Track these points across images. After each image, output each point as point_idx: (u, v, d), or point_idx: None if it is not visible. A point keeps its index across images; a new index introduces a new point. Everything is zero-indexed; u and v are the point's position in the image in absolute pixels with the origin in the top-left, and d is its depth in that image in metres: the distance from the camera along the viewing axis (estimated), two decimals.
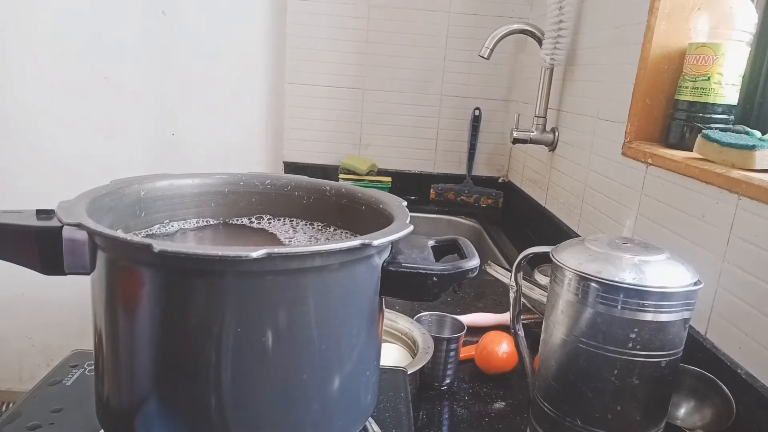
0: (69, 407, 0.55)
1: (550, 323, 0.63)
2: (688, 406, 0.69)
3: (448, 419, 0.75)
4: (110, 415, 0.45)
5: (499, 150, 1.90)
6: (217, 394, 0.40)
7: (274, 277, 0.39)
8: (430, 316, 0.87)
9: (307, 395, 0.43)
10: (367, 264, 0.44)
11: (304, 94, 1.80)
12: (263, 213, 0.61)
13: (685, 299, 0.56)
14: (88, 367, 0.62)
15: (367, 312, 0.45)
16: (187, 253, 0.36)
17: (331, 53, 1.77)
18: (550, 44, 1.38)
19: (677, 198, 0.86)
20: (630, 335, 0.56)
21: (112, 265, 0.41)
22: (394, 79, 1.80)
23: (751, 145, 0.74)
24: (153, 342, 0.41)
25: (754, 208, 0.69)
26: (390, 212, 0.52)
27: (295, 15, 1.74)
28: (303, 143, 1.85)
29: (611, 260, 0.58)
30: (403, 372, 0.67)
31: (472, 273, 0.46)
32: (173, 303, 0.40)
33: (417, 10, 1.75)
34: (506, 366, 0.83)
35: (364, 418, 0.49)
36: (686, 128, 0.93)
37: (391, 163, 1.87)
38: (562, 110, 1.42)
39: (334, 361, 0.44)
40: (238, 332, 0.39)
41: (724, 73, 0.88)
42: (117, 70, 1.78)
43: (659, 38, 0.97)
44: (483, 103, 1.83)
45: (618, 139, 1.06)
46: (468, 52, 1.77)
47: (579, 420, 0.60)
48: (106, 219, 0.46)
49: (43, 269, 0.41)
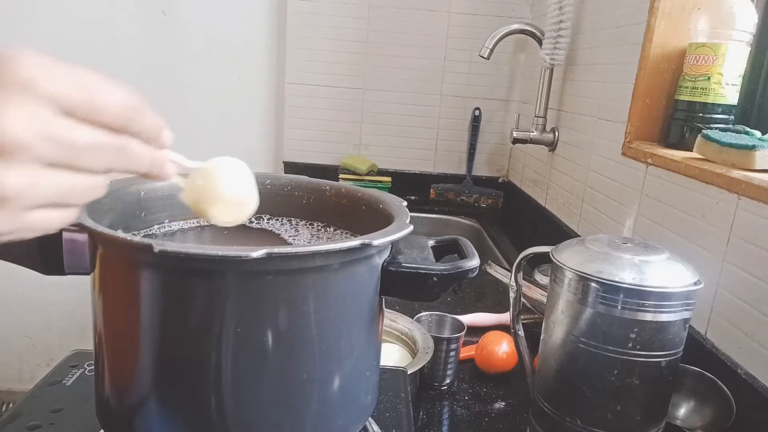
0: (69, 407, 0.55)
1: (550, 323, 0.63)
2: (688, 406, 0.69)
3: (448, 419, 0.75)
4: (110, 415, 0.45)
5: (499, 150, 1.89)
6: (217, 394, 0.40)
7: (274, 277, 0.39)
8: (430, 316, 0.87)
9: (307, 395, 0.43)
10: (367, 264, 0.44)
11: (304, 94, 1.80)
12: (263, 213, 0.61)
13: (685, 299, 0.56)
14: (88, 367, 0.62)
15: (367, 312, 0.45)
16: (187, 253, 0.36)
17: (331, 53, 1.77)
18: (550, 44, 1.38)
19: (677, 198, 0.86)
20: (630, 335, 0.56)
21: (112, 266, 0.41)
22: (394, 79, 1.80)
23: (751, 145, 0.74)
24: (153, 342, 0.41)
25: (754, 208, 0.69)
26: (390, 212, 0.52)
27: (295, 15, 1.74)
28: (303, 143, 1.85)
29: (611, 260, 0.58)
30: (403, 372, 0.67)
31: (472, 273, 0.46)
32: (173, 303, 0.40)
33: (417, 10, 1.75)
34: (506, 366, 0.83)
35: (364, 418, 0.49)
36: (686, 128, 0.93)
37: (391, 163, 1.87)
38: (562, 110, 1.42)
39: (334, 361, 0.44)
40: (238, 332, 0.39)
41: (724, 73, 0.88)
42: (117, 70, 1.77)
43: (659, 38, 0.97)
44: (483, 103, 1.83)
45: (618, 139, 1.06)
46: (468, 52, 1.77)
47: (579, 420, 0.60)
48: (106, 219, 0.46)
49: (43, 269, 0.41)
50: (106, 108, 0.30)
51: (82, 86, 0.29)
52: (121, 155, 0.32)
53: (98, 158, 0.30)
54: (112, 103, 0.31)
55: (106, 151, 0.31)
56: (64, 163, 0.29)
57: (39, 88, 0.28)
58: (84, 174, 0.30)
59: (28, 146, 0.27)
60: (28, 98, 0.27)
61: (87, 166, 0.30)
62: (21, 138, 0.27)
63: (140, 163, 0.34)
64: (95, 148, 0.30)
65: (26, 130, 0.27)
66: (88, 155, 0.30)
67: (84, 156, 0.30)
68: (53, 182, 0.29)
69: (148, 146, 0.34)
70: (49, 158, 0.28)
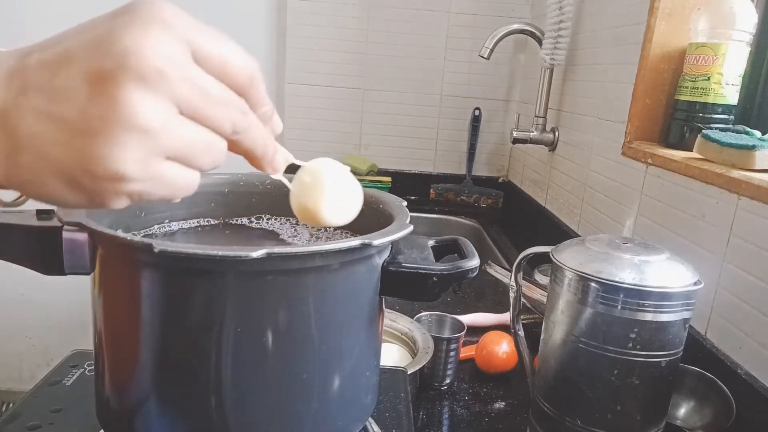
0: (69, 407, 0.55)
1: (550, 323, 0.63)
2: (688, 406, 0.69)
3: (448, 419, 0.75)
4: (110, 415, 0.45)
5: (499, 150, 1.90)
6: (217, 394, 0.40)
7: (274, 277, 0.39)
8: (430, 316, 0.87)
9: (307, 395, 0.43)
10: (367, 264, 0.44)
11: (304, 94, 1.80)
12: (263, 213, 0.61)
13: (685, 299, 0.56)
14: (88, 367, 0.62)
15: (367, 312, 0.45)
16: (187, 253, 0.36)
17: (331, 53, 1.77)
18: (550, 44, 1.38)
19: (677, 198, 0.86)
20: (630, 335, 0.56)
21: (112, 265, 0.41)
22: (394, 79, 1.80)
23: (751, 145, 0.74)
24: (153, 342, 0.41)
25: (754, 208, 0.69)
26: (390, 212, 0.52)
27: (295, 15, 1.74)
28: (303, 143, 1.85)
29: (611, 260, 0.58)
30: (403, 372, 0.67)
31: (472, 273, 0.46)
32: (173, 303, 0.40)
33: (417, 10, 1.75)
34: (506, 366, 0.83)
35: (364, 418, 0.49)
36: (686, 128, 0.93)
37: (391, 163, 1.87)
38: (562, 110, 1.42)
39: (334, 361, 0.44)
40: (238, 332, 0.39)
41: (724, 73, 0.88)
42: None
43: (659, 38, 0.97)
44: (483, 103, 1.83)
45: (618, 139, 1.06)
46: (468, 52, 1.77)
47: (579, 420, 0.60)
48: (106, 219, 0.46)
49: (43, 269, 0.41)
50: (235, 67, 0.29)
51: (216, 38, 0.29)
52: (245, 121, 0.31)
53: (227, 115, 0.29)
54: (241, 64, 0.30)
55: (234, 108, 0.30)
56: (197, 111, 0.28)
57: (178, 29, 0.27)
58: (211, 131, 0.29)
59: (168, 78, 0.26)
60: (168, 36, 0.26)
61: (217, 120, 0.29)
62: (162, 67, 0.26)
63: (257, 142, 0.32)
64: (224, 102, 0.29)
65: (168, 62, 0.26)
66: (218, 108, 0.29)
67: (215, 108, 0.28)
68: (187, 132, 0.28)
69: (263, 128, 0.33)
70: (186, 101, 0.27)
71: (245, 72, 0.30)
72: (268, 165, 0.35)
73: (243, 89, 0.30)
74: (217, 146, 0.30)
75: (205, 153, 0.29)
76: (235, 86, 0.30)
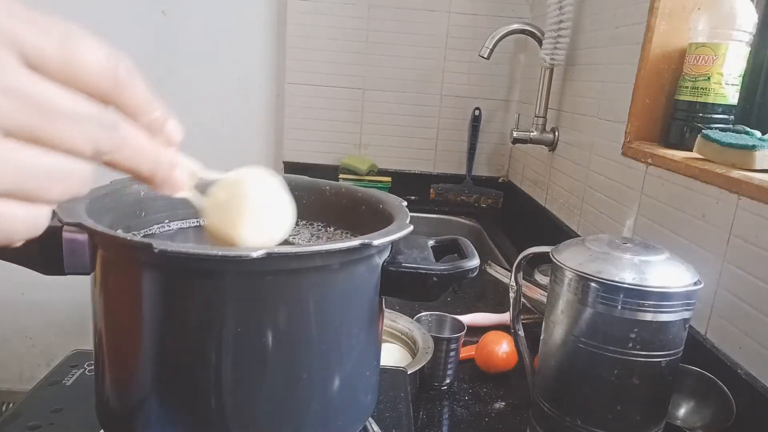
0: (69, 407, 0.55)
1: (550, 323, 0.63)
2: (688, 406, 0.69)
3: (448, 419, 0.75)
4: (110, 414, 0.45)
5: (499, 150, 1.90)
6: (217, 394, 0.40)
7: (274, 277, 0.39)
8: (430, 316, 0.87)
9: (307, 395, 0.43)
10: (367, 264, 0.44)
11: (304, 94, 1.80)
12: None
13: (685, 299, 0.56)
14: (88, 367, 0.62)
15: (367, 312, 0.45)
16: (187, 253, 0.36)
17: (331, 53, 1.77)
18: (550, 44, 1.38)
19: (677, 198, 0.86)
20: (630, 335, 0.56)
21: (112, 265, 0.41)
22: (394, 79, 1.80)
23: (751, 145, 0.74)
24: (153, 342, 0.41)
25: (754, 208, 0.69)
26: (390, 212, 0.52)
27: (295, 15, 1.74)
28: (303, 143, 1.85)
29: (611, 260, 0.58)
30: (403, 372, 0.67)
31: (472, 273, 0.46)
32: (173, 303, 0.40)
33: (417, 10, 1.75)
34: (506, 366, 0.83)
35: (364, 418, 0.49)
36: (686, 128, 0.93)
37: (391, 163, 1.87)
38: (562, 110, 1.42)
39: (334, 361, 0.44)
40: (238, 332, 0.39)
41: (724, 73, 0.88)
42: None
43: (659, 38, 0.97)
44: (483, 103, 1.83)
45: (618, 139, 1.06)
46: (468, 52, 1.77)
47: (579, 420, 0.60)
48: (106, 219, 0.46)
49: (43, 269, 0.41)
50: (89, 67, 0.23)
51: (58, 33, 0.22)
52: (114, 137, 0.24)
53: (79, 132, 0.23)
54: (97, 62, 0.23)
55: (91, 123, 0.23)
56: (33, 131, 0.22)
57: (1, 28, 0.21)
58: (61, 154, 0.23)
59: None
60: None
61: (65, 140, 0.22)
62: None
63: (140, 161, 0.26)
64: (74, 116, 0.22)
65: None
66: (65, 125, 0.22)
67: (61, 125, 0.22)
68: (19, 159, 0.21)
69: (150, 139, 0.27)
70: (14, 122, 0.21)
71: (105, 72, 0.24)
72: (163, 184, 0.29)
73: (107, 95, 0.24)
74: (71, 172, 0.23)
75: (53, 183, 0.23)
76: (94, 92, 0.24)
